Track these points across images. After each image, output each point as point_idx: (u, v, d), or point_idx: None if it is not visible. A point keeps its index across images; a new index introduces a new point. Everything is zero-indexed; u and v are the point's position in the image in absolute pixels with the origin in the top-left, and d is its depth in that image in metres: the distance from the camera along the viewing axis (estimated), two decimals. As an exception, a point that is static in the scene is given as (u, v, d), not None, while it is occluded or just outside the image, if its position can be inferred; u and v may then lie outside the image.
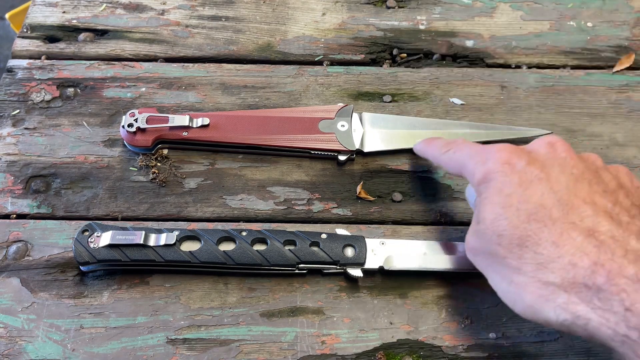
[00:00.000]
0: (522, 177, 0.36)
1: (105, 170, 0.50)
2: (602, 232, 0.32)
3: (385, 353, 0.43)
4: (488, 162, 0.38)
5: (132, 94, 0.55)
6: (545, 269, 0.33)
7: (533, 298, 0.34)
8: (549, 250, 0.33)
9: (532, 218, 0.34)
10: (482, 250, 0.38)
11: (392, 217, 0.49)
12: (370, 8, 0.63)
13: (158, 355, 0.42)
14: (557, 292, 0.32)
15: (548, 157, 0.37)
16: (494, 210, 0.36)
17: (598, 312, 0.30)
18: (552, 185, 0.35)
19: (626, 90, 0.58)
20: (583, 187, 0.35)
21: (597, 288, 0.31)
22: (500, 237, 0.35)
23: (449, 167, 0.44)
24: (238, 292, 0.45)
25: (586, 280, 0.31)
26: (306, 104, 0.55)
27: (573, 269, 0.32)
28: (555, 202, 0.34)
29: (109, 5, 0.61)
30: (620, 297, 0.29)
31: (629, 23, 0.62)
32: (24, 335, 0.42)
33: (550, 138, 0.39)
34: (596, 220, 0.33)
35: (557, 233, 0.33)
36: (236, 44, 0.59)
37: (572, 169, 0.36)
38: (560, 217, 0.34)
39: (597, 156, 0.39)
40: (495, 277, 0.37)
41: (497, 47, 0.60)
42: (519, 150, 0.38)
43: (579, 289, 0.31)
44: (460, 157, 0.42)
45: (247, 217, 0.49)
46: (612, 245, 0.31)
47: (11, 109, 0.53)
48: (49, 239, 0.46)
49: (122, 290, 0.44)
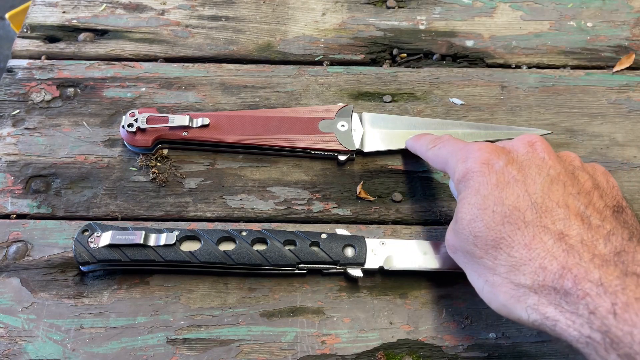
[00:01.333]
0: (499, 178, 0.37)
1: (105, 170, 0.50)
2: (572, 235, 0.33)
3: (385, 353, 0.43)
4: (468, 160, 0.39)
5: (132, 94, 0.55)
6: (517, 271, 0.34)
7: (506, 298, 0.35)
8: (521, 253, 0.34)
9: (506, 220, 0.35)
10: (460, 248, 0.39)
11: (392, 217, 0.49)
12: (370, 8, 0.63)
13: (158, 355, 0.42)
14: (528, 294, 0.33)
15: (527, 158, 0.38)
16: (471, 211, 0.37)
17: (566, 314, 0.31)
18: (528, 187, 0.36)
19: (626, 90, 0.58)
20: (558, 190, 0.36)
21: (564, 292, 0.32)
22: (476, 238, 0.37)
23: (434, 163, 0.45)
24: (238, 292, 0.45)
25: (555, 283, 0.32)
26: (306, 104, 0.55)
27: (543, 272, 0.33)
28: (530, 205, 0.35)
29: (109, 5, 0.61)
30: (585, 300, 0.30)
31: (629, 23, 0.62)
32: (24, 335, 0.42)
33: (531, 137, 0.40)
34: (568, 224, 0.34)
35: (530, 236, 0.34)
36: (236, 44, 0.59)
37: (549, 170, 0.37)
38: (534, 220, 0.34)
39: (575, 155, 0.39)
40: (472, 275, 0.38)
41: (497, 47, 0.60)
42: (498, 150, 0.39)
43: (548, 291, 0.32)
44: (444, 153, 0.43)
45: (247, 217, 0.49)
46: (581, 250, 0.32)
47: (11, 109, 0.53)
48: (49, 239, 0.46)
49: (122, 290, 0.44)
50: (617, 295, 0.29)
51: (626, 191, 0.51)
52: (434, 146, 0.45)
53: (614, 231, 0.33)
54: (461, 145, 0.42)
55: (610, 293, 0.30)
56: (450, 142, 0.44)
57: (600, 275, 0.31)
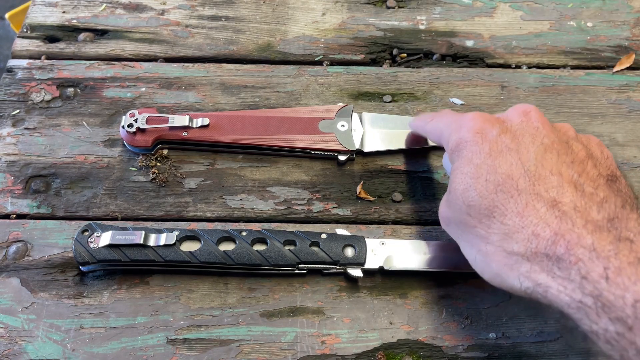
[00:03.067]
0: (492, 147, 0.37)
1: (105, 170, 0.50)
2: (565, 202, 0.33)
3: (385, 353, 0.43)
4: (461, 130, 0.39)
5: (132, 94, 0.55)
6: (510, 239, 0.34)
7: (499, 266, 0.35)
8: (514, 221, 0.34)
9: (499, 189, 0.35)
10: (454, 219, 0.39)
11: (392, 217, 0.49)
12: (370, 8, 0.63)
13: (158, 355, 0.42)
14: (521, 262, 0.34)
15: (521, 127, 0.38)
16: (464, 181, 0.37)
17: (557, 280, 0.32)
18: (521, 155, 0.36)
19: (626, 90, 0.58)
20: (551, 158, 0.35)
21: (557, 258, 0.32)
22: (469, 208, 0.36)
23: (431, 136, 0.45)
24: (238, 292, 0.45)
25: (547, 250, 0.32)
26: (306, 104, 0.55)
27: (536, 240, 0.33)
28: (523, 173, 0.35)
29: (109, 5, 0.61)
30: (577, 266, 0.30)
31: (629, 23, 0.62)
32: (24, 335, 0.42)
33: (525, 107, 0.40)
34: (561, 191, 0.34)
35: (523, 204, 0.34)
36: (236, 44, 0.59)
37: (542, 139, 0.37)
38: (527, 188, 0.34)
39: (569, 126, 0.39)
40: (465, 246, 0.38)
41: (497, 47, 0.60)
42: (492, 119, 0.39)
43: (540, 258, 0.33)
44: (440, 125, 0.43)
45: (247, 217, 0.49)
46: (574, 216, 0.32)
47: (11, 109, 0.53)
48: (49, 239, 0.46)
49: (122, 290, 0.44)
50: (609, 259, 0.30)
51: (626, 191, 0.51)
52: (432, 119, 0.45)
53: (607, 199, 0.33)
54: (456, 116, 0.42)
55: (602, 258, 0.30)
56: (446, 114, 0.44)
57: (593, 241, 0.31)
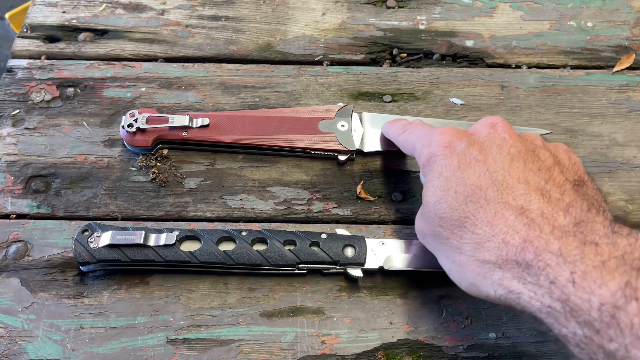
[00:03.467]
0: (461, 159, 0.38)
1: (105, 170, 0.50)
2: (533, 209, 0.34)
3: (385, 353, 0.43)
4: (432, 144, 0.40)
5: (132, 94, 0.55)
6: (482, 247, 0.35)
7: (473, 276, 0.35)
8: (485, 230, 0.35)
9: (469, 199, 0.36)
10: (428, 232, 0.39)
11: (392, 217, 0.49)
12: (370, 8, 0.63)
13: (158, 355, 0.42)
14: (493, 270, 0.34)
15: (488, 138, 0.39)
16: (435, 194, 0.38)
17: (528, 286, 0.32)
18: (489, 166, 0.37)
19: (626, 90, 0.57)
20: (518, 167, 0.36)
21: (526, 264, 0.32)
22: (441, 220, 0.37)
23: (404, 149, 0.46)
24: (238, 292, 0.45)
25: (517, 257, 0.33)
26: (306, 104, 0.55)
27: (506, 247, 0.33)
28: (491, 183, 0.36)
29: (108, 5, 0.61)
30: (546, 271, 0.31)
31: (629, 23, 0.62)
32: (23, 335, 0.42)
33: (492, 119, 0.40)
34: (528, 199, 0.34)
35: (492, 213, 0.35)
36: (236, 44, 0.59)
37: (509, 149, 0.37)
38: (495, 197, 0.35)
39: (537, 135, 0.40)
40: (441, 257, 0.39)
41: (497, 47, 0.60)
42: (460, 133, 0.40)
43: (511, 265, 0.33)
44: (412, 139, 0.44)
45: (247, 217, 0.49)
46: (541, 223, 0.33)
47: (11, 109, 0.53)
48: (49, 239, 0.46)
49: (122, 290, 0.44)
50: (575, 264, 0.30)
51: (626, 191, 0.51)
52: (404, 131, 0.46)
53: (573, 203, 0.34)
54: (427, 130, 0.43)
55: (569, 262, 0.30)
56: (418, 127, 0.44)
57: (560, 246, 0.31)
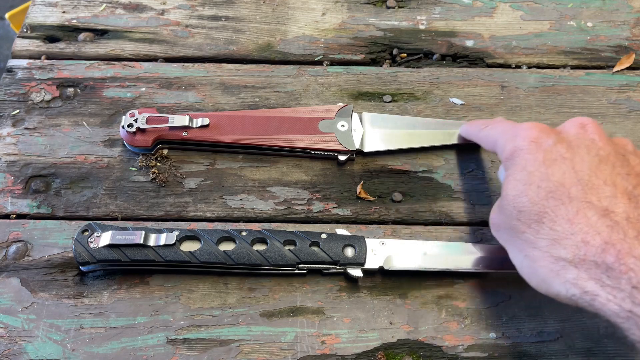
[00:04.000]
0: (546, 156, 0.37)
1: (105, 170, 0.50)
2: (618, 212, 0.33)
3: (385, 353, 0.43)
4: (517, 138, 0.40)
5: (132, 94, 0.55)
6: (558, 244, 0.34)
7: (545, 272, 0.35)
8: (564, 227, 0.34)
9: (550, 196, 0.35)
10: (504, 225, 0.39)
11: (392, 217, 0.49)
12: (370, 8, 0.63)
13: (158, 355, 0.42)
14: (568, 268, 0.34)
15: (577, 138, 0.38)
16: (516, 187, 0.37)
17: (606, 289, 0.32)
18: (575, 165, 0.36)
19: (626, 90, 0.57)
20: (606, 169, 0.36)
21: (606, 266, 0.32)
22: (520, 213, 0.37)
23: (485, 144, 0.46)
24: (238, 292, 0.45)
25: (596, 258, 0.32)
26: (306, 104, 0.55)
27: (585, 247, 0.33)
28: (575, 182, 0.35)
29: (108, 5, 0.61)
30: (628, 275, 0.31)
31: (629, 23, 0.62)
32: (24, 335, 0.42)
33: (583, 120, 0.40)
34: (614, 202, 0.34)
35: (574, 211, 0.34)
36: (236, 44, 0.59)
37: (598, 151, 0.37)
38: (579, 196, 0.35)
39: (628, 140, 0.39)
40: (514, 251, 0.38)
41: (497, 47, 0.60)
42: (548, 130, 0.39)
43: (588, 265, 0.33)
44: (494, 133, 0.44)
45: (247, 217, 0.49)
46: (626, 226, 0.32)
47: (11, 109, 0.53)
48: (49, 239, 0.46)
49: (122, 290, 0.44)
50: None
51: (626, 191, 0.51)
52: (486, 127, 0.46)
53: None
54: (511, 125, 0.43)
55: None
56: (501, 123, 0.45)
57: None
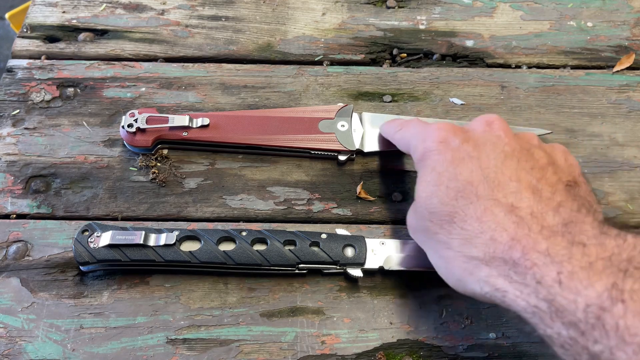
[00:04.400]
0: (454, 155, 0.38)
1: (105, 170, 0.50)
2: (522, 208, 0.34)
3: (385, 353, 0.43)
4: (426, 140, 0.40)
5: (132, 94, 0.55)
6: (469, 244, 0.35)
7: (460, 272, 0.35)
8: (473, 226, 0.35)
9: (459, 195, 0.36)
10: (419, 227, 0.39)
11: (392, 217, 0.49)
12: (370, 8, 0.63)
13: (158, 355, 0.42)
14: (480, 266, 0.34)
15: (483, 136, 0.39)
16: (427, 189, 0.38)
17: (514, 285, 0.32)
18: (482, 162, 0.36)
19: (626, 90, 0.57)
20: (511, 164, 0.36)
21: (513, 262, 0.32)
22: (431, 214, 0.37)
23: (400, 146, 0.46)
24: (238, 292, 0.45)
25: (504, 255, 0.33)
26: (306, 104, 0.55)
27: (493, 244, 0.33)
28: (482, 179, 0.36)
29: (108, 5, 0.61)
30: (532, 270, 0.31)
31: (629, 23, 0.62)
32: (23, 335, 0.42)
33: (489, 117, 0.40)
34: (519, 197, 0.34)
35: (481, 209, 0.35)
36: (236, 44, 0.59)
37: (504, 147, 0.37)
38: (486, 194, 0.35)
39: (533, 135, 0.40)
40: (430, 252, 0.39)
41: (497, 47, 0.60)
42: (456, 129, 0.40)
43: (498, 263, 0.33)
44: (408, 135, 0.44)
45: (247, 217, 0.49)
46: (530, 221, 0.33)
47: (11, 109, 0.53)
48: (49, 239, 0.46)
49: (122, 290, 0.44)
50: (562, 264, 0.30)
51: (626, 191, 0.51)
52: (400, 129, 0.46)
53: (564, 203, 0.34)
54: (423, 126, 0.43)
55: (556, 262, 0.30)
56: (414, 124, 0.44)
57: (547, 246, 0.31)
